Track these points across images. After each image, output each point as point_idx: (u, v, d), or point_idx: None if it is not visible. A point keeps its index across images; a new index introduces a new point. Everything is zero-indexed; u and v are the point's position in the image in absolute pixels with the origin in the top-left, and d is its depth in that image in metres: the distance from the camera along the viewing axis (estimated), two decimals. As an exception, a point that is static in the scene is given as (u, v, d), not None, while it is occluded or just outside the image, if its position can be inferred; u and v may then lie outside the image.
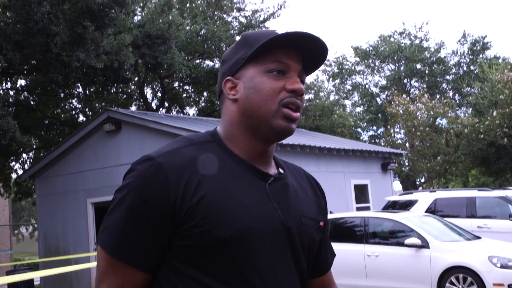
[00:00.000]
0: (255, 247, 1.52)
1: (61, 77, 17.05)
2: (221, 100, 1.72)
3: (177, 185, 1.49)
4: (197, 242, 1.49)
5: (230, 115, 1.66)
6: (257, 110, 1.60)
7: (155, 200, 1.49)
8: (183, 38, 23.07)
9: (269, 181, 1.63)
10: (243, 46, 1.67)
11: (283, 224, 1.59)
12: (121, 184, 1.57)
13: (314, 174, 16.57)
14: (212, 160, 1.57)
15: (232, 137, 1.65)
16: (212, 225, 1.48)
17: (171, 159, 1.53)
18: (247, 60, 1.64)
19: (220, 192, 1.52)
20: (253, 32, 1.70)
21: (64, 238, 16.42)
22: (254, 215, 1.53)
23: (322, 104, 31.10)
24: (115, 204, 1.54)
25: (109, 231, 1.52)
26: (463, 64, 43.65)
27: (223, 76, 1.70)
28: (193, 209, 1.48)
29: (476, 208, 13.58)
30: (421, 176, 34.16)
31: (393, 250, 10.79)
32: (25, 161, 26.31)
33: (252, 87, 1.61)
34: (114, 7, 15.72)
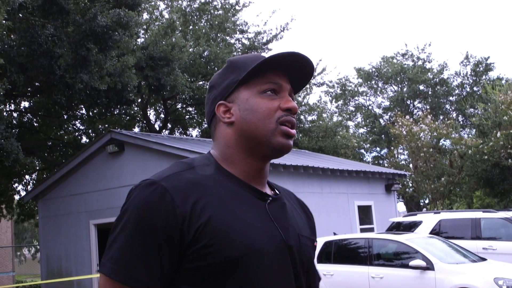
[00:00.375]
0: (262, 266, 1.54)
1: (64, 98, 17.10)
2: (213, 125, 1.75)
3: (183, 207, 1.49)
4: (207, 263, 1.48)
5: (226, 137, 1.69)
6: (255, 130, 1.65)
7: (163, 223, 1.47)
8: (186, 60, 23.16)
9: (268, 201, 1.67)
10: (231, 71, 1.72)
11: (285, 243, 1.62)
12: (121, 211, 1.54)
13: (317, 195, 16.61)
14: (213, 182, 1.59)
15: (229, 158, 1.68)
16: (221, 245, 1.48)
17: (174, 182, 1.53)
18: (239, 84, 1.68)
19: (226, 213, 1.53)
20: (239, 57, 1.75)
21: (66, 259, 16.36)
22: (259, 235, 1.55)
23: (325, 125, 31.11)
24: (118, 231, 1.51)
25: (115, 258, 1.48)
26: (466, 85, 43.71)
27: (214, 101, 1.73)
28: (201, 230, 1.48)
29: (481, 229, 13.49)
30: (425, 197, 34.04)
31: (397, 272, 10.71)
32: (28, 183, 26.34)
33: (248, 109, 1.66)
34: (118, 30, 15.80)
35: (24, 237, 57.02)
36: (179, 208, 1.49)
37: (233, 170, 1.66)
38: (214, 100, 1.73)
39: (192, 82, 24.30)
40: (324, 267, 11.65)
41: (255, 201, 1.63)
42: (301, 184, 16.25)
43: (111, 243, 1.50)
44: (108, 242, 1.52)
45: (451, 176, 30.31)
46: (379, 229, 18.33)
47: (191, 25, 28.12)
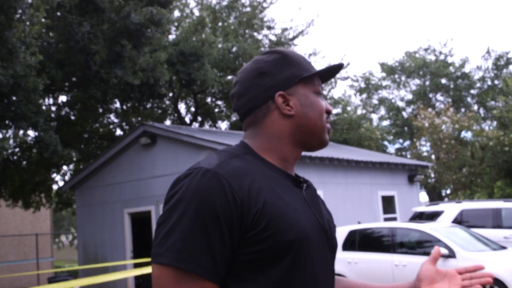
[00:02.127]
0: (309, 250, 1.55)
1: (99, 93, 17.26)
2: (260, 112, 1.70)
3: (241, 191, 1.48)
4: (263, 247, 1.47)
5: (280, 129, 1.68)
6: (314, 125, 1.70)
7: (224, 209, 1.45)
8: (216, 56, 23.19)
9: (304, 187, 1.69)
10: (287, 64, 1.72)
11: (322, 228, 1.64)
12: (174, 200, 1.49)
13: (342, 185, 16.55)
14: (260, 170, 1.59)
15: (274, 148, 1.68)
16: (278, 229, 1.48)
17: (227, 169, 1.52)
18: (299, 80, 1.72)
19: (276, 198, 1.54)
20: (291, 52, 1.77)
21: (102, 246, 16.54)
22: (305, 220, 1.57)
23: (350, 118, 30.95)
24: (175, 220, 1.45)
25: (178, 247, 1.42)
26: (487, 78, 43.12)
27: (269, 89, 1.69)
28: (259, 214, 1.47)
29: (502, 219, 13.33)
30: (447, 188, 33.72)
31: (420, 260, 10.63)
32: (65, 173, 26.64)
33: (309, 105, 1.70)
34: (150, 27, 15.88)
35: (62, 225, 57.77)
36: (237, 193, 1.47)
37: (271, 159, 1.67)
38: (269, 88, 1.69)
39: (221, 77, 24.34)
40: (349, 255, 11.62)
41: (293, 188, 1.64)
42: (326, 174, 16.20)
43: (168, 233, 1.45)
44: (161, 232, 1.46)
45: (472, 167, 29.98)
46: (402, 218, 18.22)
47: (220, 22, 28.14)
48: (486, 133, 28.68)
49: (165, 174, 15.19)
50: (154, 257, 1.46)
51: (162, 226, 1.47)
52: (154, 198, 15.42)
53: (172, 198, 1.50)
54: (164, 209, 1.50)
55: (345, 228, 12.23)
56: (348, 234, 12.03)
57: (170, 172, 15.08)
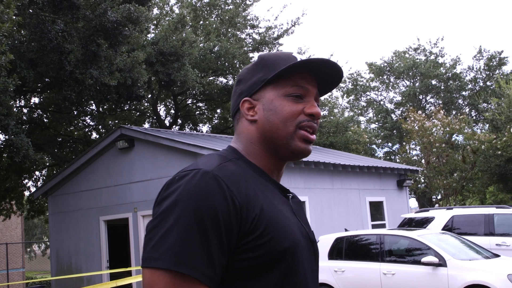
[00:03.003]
0: (301, 258, 1.58)
1: (74, 94, 17.17)
2: (236, 119, 1.77)
3: (239, 195, 1.49)
4: (259, 254, 1.48)
5: (249, 134, 1.71)
6: (276, 132, 1.67)
7: (224, 212, 1.45)
8: (197, 55, 23.19)
9: (290, 197, 1.73)
10: (261, 68, 1.73)
11: (309, 238, 1.68)
12: (169, 201, 1.47)
13: (328, 191, 16.60)
14: (252, 175, 1.62)
15: (252, 153, 1.70)
16: (274, 235, 1.50)
17: (225, 172, 1.53)
18: (266, 83, 1.70)
19: (271, 205, 1.56)
20: (270, 54, 1.76)
21: (76, 256, 16.44)
22: (296, 229, 1.60)
23: (337, 120, 31.07)
24: (171, 223, 1.43)
25: (176, 251, 1.40)
26: (479, 79, 43.51)
27: (239, 96, 1.75)
28: (257, 219, 1.49)
29: (495, 225, 13.43)
30: (438, 193, 33.95)
31: (409, 268, 10.68)
32: (38, 179, 26.47)
33: (272, 109, 1.68)
34: (128, 25, 15.84)
35: (34, 234, 57.31)
36: (237, 197, 1.48)
37: (258, 164, 1.69)
38: (240, 95, 1.75)
39: (202, 78, 24.32)
40: (336, 264, 11.65)
41: (280, 196, 1.67)
42: (312, 180, 16.24)
43: (163, 236, 1.42)
44: (155, 236, 1.44)
45: (463, 171, 30.21)
46: (390, 225, 18.30)
47: (201, 20, 28.14)
48: (478, 136, 28.92)
49: (144, 180, 15.14)
50: (148, 261, 1.43)
51: (156, 229, 1.45)
52: (131, 205, 15.37)
53: (167, 199, 1.48)
54: (157, 212, 1.48)
55: (331, 236, 12.26)
56: (334, 241, 12.05)
57: (148, 177, 15.03)
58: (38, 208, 25.95)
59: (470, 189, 35.39)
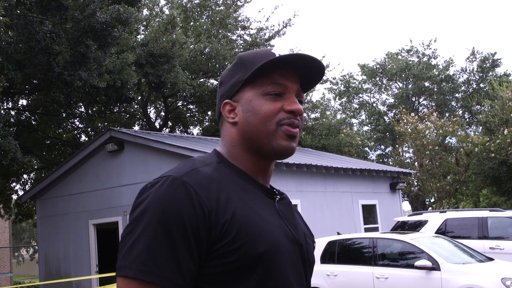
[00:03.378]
0: (281, 263, 1.56)
1: (63, 96, 17.10)
2: (220, 122, 1.77)
3: (209, 201, 1.49)
4: (232, 259, 1.48)
5: (231, 137, 1.71)
6: (256, 132, 1.65)
7: (191, 219, 1.46)
8: (187, 57, 23.17)
9: (276, 199, 1.70)
10: (239, 68, 1.71)
11: (296, 241, 1.65)
12: (139, 209, 1.49)
13: (321, 194, 16.61)
14: (230, 179, 1.61)
15: (235, 156, 1.69)
16: (247, 240, 1.49)
17: (195, 178, 1.52)
18: (244, 83, 1.69)
19: (246, 208, 1.55)
20: (248, 53, 1.75)
21: (65, 260, 16.37)
22: (276, 232, 1.58)
23: (329, 123, 31.09)
24: (140, 230, 1.45)
25: (143, 259, 1.42)
26: (472, 81, 43.68)
27: (221, 99, 1.75)
28: (228, 225, 1.48)
29: (488, 228, 13.48)
30: (431, 196, 34.04)
31: (402, 272, 10.70)
32: (26, 182, 26.37)
33: (250, 110, 1.66)
34: (117, 26, 15.79)
35: (22, 238, 57.08)
36: (205, 203, 1.48)
37: (241, 167, 1.68)
38: (221, 97, 1.75)
39: (193, 79, 24.30)
40: (328, 267, 11.65)
41: (265, 198, 1.66)
42: (304, 183, 16.25)
43: (132, 244, 1.45)
44: (126, 244, 1.46)
45: (457, 174, 30.30)
46: (383, 228, 18.33)
47: (192, 21, 28.11)
48: (471, 138, 29.00)
49: (133, 183, 15.10)
50: (118, 269, 1.46)
51: (127, 238, 1.48)
52: (121, 209, 15.32)
53: (138, 207, 1.50)
54: (130, 220, 1.51)
55: (323, 239, 12.27)
56: (327, 245, 12.06)
57: (138, 180, 15.00)
58: (26, 211, 25.85)
59: (464, 192, 35.50)
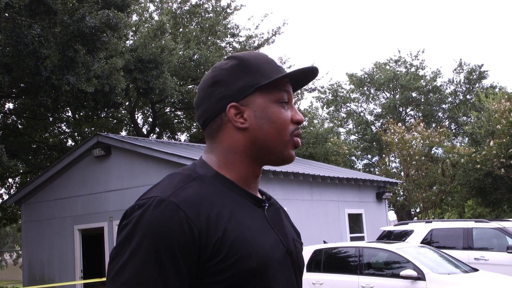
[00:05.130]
0: (274, 275, 1.54)
1: (50, 100, 17.03)
2: (214, 125, 1.67)
3: (198, 222, 1.46)
4: (225, 277, 1.46)
5: (234, 143, 1.64)
6: (271, 140, 1.63)
7: (180, 241, 1.43)
8: (176, 63, 23.14)
9: (265, 207, 1.67)
10: (244, 72, 1.65)
11: (287, 250, 1.63)
12: (127, 232, 1.46)
13: (307, 202, 16.60)
14: (217, 193, 1.56)
15: (230, 164, 1.64)
16: (240, 257, 1.47)
17: (183, 197, 1.49)
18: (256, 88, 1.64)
19: (237, 224, 1.52)
20: (248, 55, 1.69)
21: (49, 265, 16.26)
22: (267, 243, 1.56)
23: (316, 131, 31.15)
24: (129, 254, 1.43)
25: (133, 283, 1.39)
26: (459, 93, 43.96)
27: (221, 100, 1.65)
28: (219, 243, 1.46)
29: (473, 239, 13.52)
30: (416, 206, 34.13)
31: (388, 281, 10.69)
32: (11, 186, 26.22)
33: (265, 117, 1.62)
34: (106, 31, 15.76)
35: (6, 242, 56.63)
36: (194, 224, 1.45)
37: (231, 176, 1.63)
38: (222, 99, 1.64)
39: (181, 86, 24.28)
40: (314, 276, 11.63)
41: (254, 208, 1.62)
42: (291, 191, 16.25)
43: (121, 267, 1.42)
44: (114, 267, 1.44)
45: (443, 185, 30.41)
46: (369, 237, 18.34)
47: (181, 27, 28.11)
48: (457, 149, 29.15)
49: (120, 188, 15.04)
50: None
51: (115, 260, 1.45)
52: (107, 214, 15.25)
53: (125, 229, 1.48)
54: (117, 241, 1.48)
55: (310, 248, 12.25)
56: (313, 253, 12.04)
57: (125, 186, 14.93)
58: (10, 216, 25.68)
59: (449, 202, 35.63)
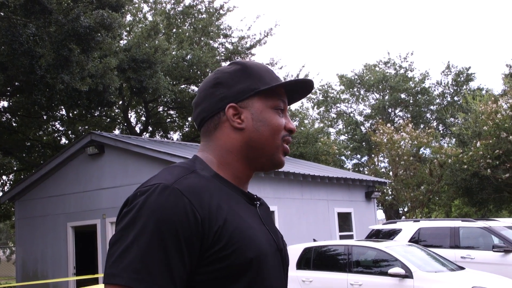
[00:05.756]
0: (267, 268, 1.57)
1: (44, 99, 16.98)
2: (212, 123, 1.72)
3: (201, 209, 1.48)
4: (223, 266, 1.48)
5: (230, 142, 1.69)
6: (264, 143, 1.68)
7: (184, 227, 1.44)
8: (169, 63, 23.12)
9: (257, 205, 1.71)
10: (246, 76, 1.71)
11: (277, 246, 1.67)
12: (130, 217, 1.47)
13: (298, 201, 16.62)
14: (216, 186, 1.59)
15: (226, 163, 1.68)
16: (238, 247, 1.50)
17: (187, 185, 1.51)
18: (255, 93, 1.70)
19: (235, 216, 1.55)
20: (251, 63, 1.76)
21: (42, 262, 16.21)
22: (262, 238, 1.59)
23: (307, 131, 31.19)
24: (132, 238, 1.43)
25: (135, 267, 1.40)
26: (447, 94, 44.14)
27: (222, 100, 1.70)
28: (220, 232, 1.48)
29: (460, 238, 13.59)
30: (404, 205, 34.23)
31: (376, 279, 10.74)
32: (5, 183, 26.13)
33: (262, 120, 1.68)
34: (101, 31, 15.72)
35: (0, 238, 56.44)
36: (197, 211, 1.47)
37: (224, 174, 1.67)
38: (222, 99, 1.70)
39: (174, 85, 24.25)
40: (303, 274, 11.66)
41: (248, 206, 1.66)
42: (281, 189, 16.27)
43: (124, 252, 1.42)
44: (116, 251, 1.44)
45: (430, 184, 30.52)
46: (358, 236, 18.40)
47: (174, 28, 28.08)
48: (445, 150, 29.25)
49: (113, 186, 15.01)
50: (108, 277, 1.43)
51: (117, 245, 1.45)
52: (100, 211, 15.22)
53: (127, 215, 1.48)
54: (119, 227, 1.48)
55: (300, 246, 12.28)
56: (302, 251, 12.07)
57: (118, 184, 14.91)
58: (4, 212, 25.57)
59: (436, 202, 35.77)
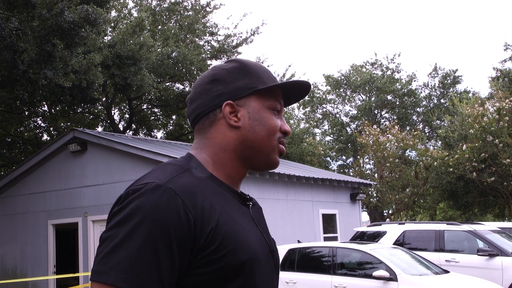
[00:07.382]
0: (259, 270, 1.56)
1: (26, 94, 16.85)
2: (207, 120, 1.70)
3: (194, 210, 1.46)
4: (215, 268, 1.46)
5: (225, 140, 1.67)
6: (260, 142, 1.67)
7: (177, 227, 1.42)
8: (154, 60, 23.04)
9: (250, 205, 1.70)
10: (244, 74, 1.70)
11: (269, 248, 1.66)
12: (122, 215, 1.44)
13: (282, 202, 16.62)
14: (209, 186, 1.57)
15: (220, 162, 1.66)
16: (231, 249, 1.48)
17: (180, 185, 1.49)
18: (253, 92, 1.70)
19: (228, 218, 1.53)
20: (250, 61, 1.75)
21: (22, 260, 16.09)
22: (255, 240, 1.58)
23: (292, 131, 31.21)
24: (122, 237, 1.40)
25: (124, 266, 1.38)
26: (433, 97, 44.39)
27: (219, 97, 1.69)
28: (212, 234, 1.46)
29: (445, 241, 13.65)
30: (389, 208, 34.39)
31: (360, 282, 10.75)
32: (-16, 180, 25.84)
33: (259, 120, 1.68)
34: (85, 26, 15.62)
35: (-21, 236, 56.05)
36: (190, 211, 1.45)
37: (218, 174, 1.65)
38: (219, 96, 1.68)
39: (159, 83, 24.18)
40: (287, 275, 11.66)
41: (240, 206, 1.64)
42: (266, 190, 16.26)
43: (113, 250, 1.40)
44: (105, 249, 1.42)
45: (415, 187, 30.66)
46: (342, 238, 18.43)
47: (160, 25, 28.00)
48: (430, 152, 29.41)
49: (95, 184, 14.93)
50: (95, 275, 1.40)
51: (106, 242, 1.43)
52: (82, 210, 15.13)
53: (119, 213, 1.46)
54: (110, 225, 1.46)
55: (284, 247, 12.27)
56: (287, 253, 12.07)
57: (100, 182, 14.83)
58: (-17, 209, 25.35)
59: (421, 204, 35.95)
